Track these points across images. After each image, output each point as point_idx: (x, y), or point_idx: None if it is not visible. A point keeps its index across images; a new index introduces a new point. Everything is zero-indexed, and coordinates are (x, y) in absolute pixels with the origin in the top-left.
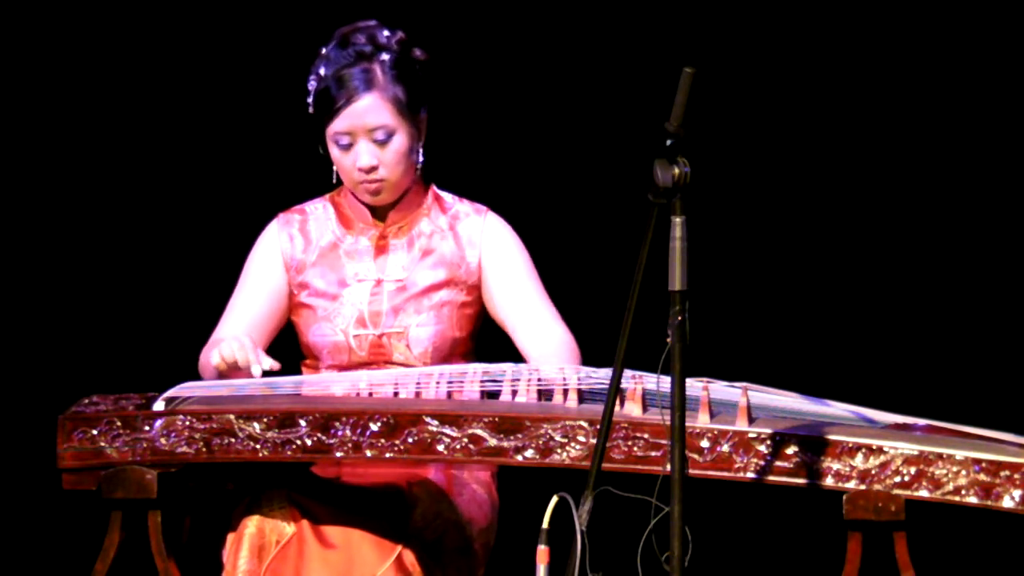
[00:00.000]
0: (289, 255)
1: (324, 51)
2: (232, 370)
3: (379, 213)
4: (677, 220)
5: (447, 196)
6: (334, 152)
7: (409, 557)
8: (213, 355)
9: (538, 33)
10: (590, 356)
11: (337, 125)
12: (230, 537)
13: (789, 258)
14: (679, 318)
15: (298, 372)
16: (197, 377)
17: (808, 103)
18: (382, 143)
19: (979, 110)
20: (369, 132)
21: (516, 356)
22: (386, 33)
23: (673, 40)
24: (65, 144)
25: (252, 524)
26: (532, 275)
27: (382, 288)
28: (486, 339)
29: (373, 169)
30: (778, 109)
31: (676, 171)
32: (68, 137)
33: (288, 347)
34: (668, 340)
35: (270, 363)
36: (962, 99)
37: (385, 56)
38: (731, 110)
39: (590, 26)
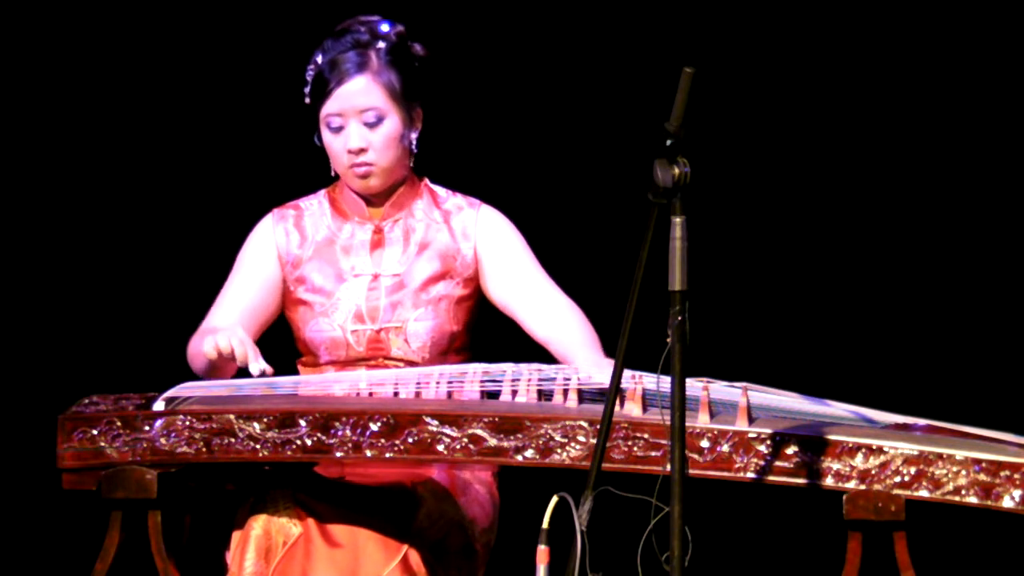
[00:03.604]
0: (284, 250)
1: (325, 42)
2: (224, 361)
3: (374, 207)
4: (677, 220)
5: (440, 190)
6: (326, 136)
7: (415, 557)
8: (207, 343)
9: (539, 33)
10: None
11: (329, 107)
12: (234, 538)
13: (789, 258)
14: (679, 318)
15: (295, 371)
16: (197, 377)
17: (808, 103)
18: (372, 126)
19: (979, 110)
20: (359, 114)
21: (515, 356)
22: (386, 27)
23: (673, 40)
24: (64, 144)
25: (258, 526)
26: (530, 257)
27: (379, 283)
28: (486, 339)
29: (362, 151)
30: (778, 109)
31: (676, 171)
32: (67, 138)
33: (285, 346)
34: (668, 340)
35: (264, 365)
36: (962, 99)
37: (382, 44)
38: (731, 110)
39: (590, 26)
